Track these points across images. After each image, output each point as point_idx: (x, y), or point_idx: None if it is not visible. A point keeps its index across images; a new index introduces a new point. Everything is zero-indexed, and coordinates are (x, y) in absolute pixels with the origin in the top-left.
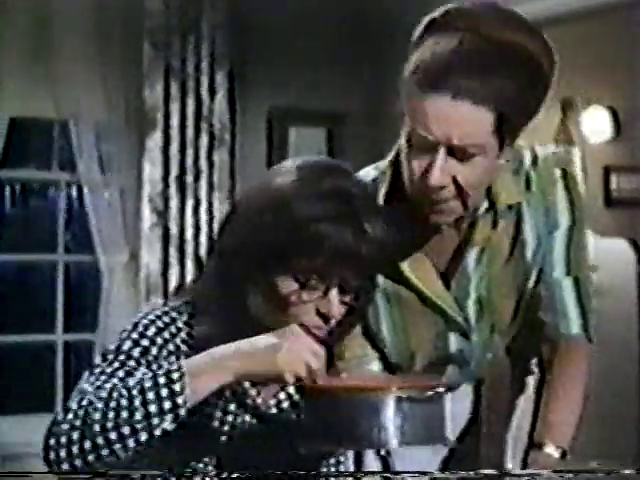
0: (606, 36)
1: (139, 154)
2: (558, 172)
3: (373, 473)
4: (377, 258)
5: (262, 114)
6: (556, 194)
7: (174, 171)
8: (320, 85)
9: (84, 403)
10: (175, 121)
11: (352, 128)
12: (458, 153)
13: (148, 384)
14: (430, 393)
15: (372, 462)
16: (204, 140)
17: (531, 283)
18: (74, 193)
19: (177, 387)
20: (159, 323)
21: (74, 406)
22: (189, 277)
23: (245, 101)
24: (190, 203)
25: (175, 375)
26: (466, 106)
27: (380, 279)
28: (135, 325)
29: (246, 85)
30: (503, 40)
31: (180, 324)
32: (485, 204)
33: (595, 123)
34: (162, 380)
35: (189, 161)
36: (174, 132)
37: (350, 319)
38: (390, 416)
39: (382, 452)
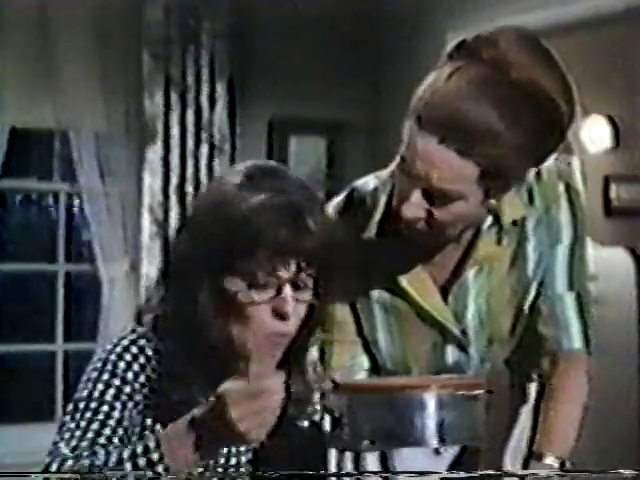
0: (605, 46)
1: (139, 164)
2: (561, 186)
3: (373, 473)
4: (324, 252)
5: (262, 123)
6: (559, 208)
7: (174, 181)
8: (321, 94)
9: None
10: (175, 131)
11: (353, 137)
12: (436, 194)
13: (126, 455)
14: (470, 393)
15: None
16: (204, 150)
17: (531, 296)
18: (74, 203)
19: (155, 456)
20: (127, 356)
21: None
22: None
23: (245, 111)
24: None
25: (151, 444)
26: (451, 154)
27: (377, 291)
28: (104, 363)
29: (246, 95)
30: (522, 84)
31: (149, 352)
32: (489, 220)
33: (594, 133)
34: (139, 450)
35: (189, 171)
36: (174, 142)
37: (313, 319)
38: (430, 415)
39: (441, 450)
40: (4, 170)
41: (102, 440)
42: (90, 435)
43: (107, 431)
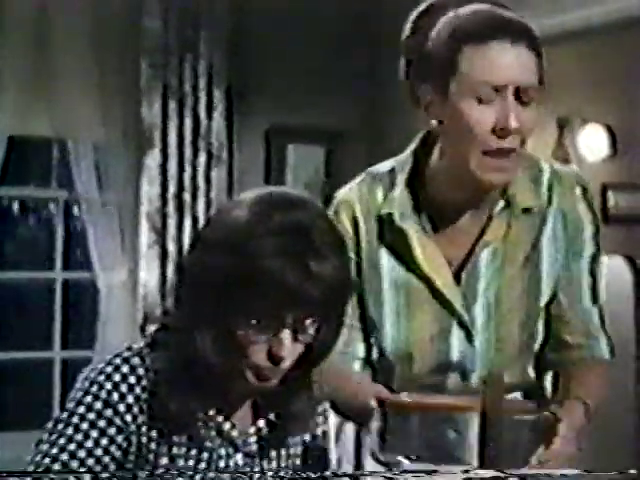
0: (603, 55)
1: (137, 172)
2: (579, 190)
3: (373, 473)
4: (329, 296)
5: (260, 132)
6: (579, 213)
7: (172, 189)
8: (318, 103)
9: None
10: (173, 139)
11: (350, 145)
12: (523, 96)
13: None
14: (514, 417)
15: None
16: (202, 158)
17: (544, 297)
18: (72, 211)
19: None
20: (116, 377)
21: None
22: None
23: (243, 119)
24: (188, 221)
25: None
26: (523, 50)
27: (391, 266)
28: (91, 383)
29: (244, 103)
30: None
31: (141, 371)
32: (501, 203)
33: (592, 141)
34: None
35: (187, 179)
36: (172, 150)
37: (312, 358)
38: (473, 436)
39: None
40: (2, 178)
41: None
42: (56, 468)
43: (74, 464)
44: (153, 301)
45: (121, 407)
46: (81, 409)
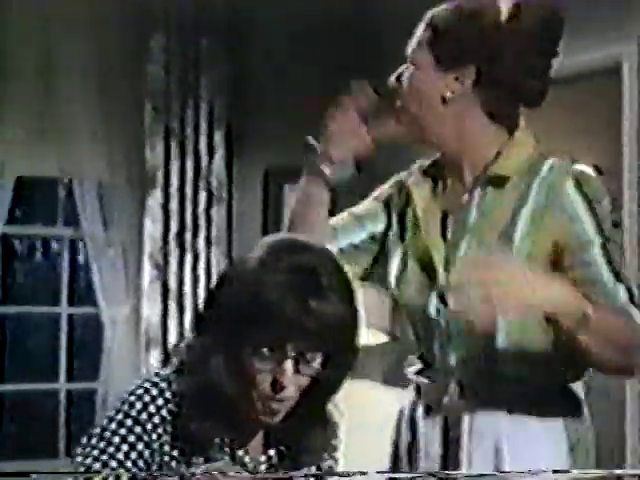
0: (591, 98)
1: (140, 211)
2: (571, 181)
3: (373, 473)
4: (328, 332)
5: (258, 172)
6: (570, 201)
7: (174, 228)
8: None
9: None
10: (175, 180)
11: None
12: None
13: None
14: None
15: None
16: (202, 198)
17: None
18: (78, 249)
19: None
20: (146, 398)
21: None
22: (188, 330)
23: (242, 160)
24: (189, 258)
25: None
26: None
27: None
28: (122, 402)
29: (243, 145)
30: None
31: (168, 394)
32: (481, 172)
33: None
34: None
35: (188, 218)
36: (174, 190)
37: (319, 393)
38: None
39: None
40: (10, 217)
41: None
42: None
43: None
44: (155, 335)
45: (148, 425)
46: (113, 425)
